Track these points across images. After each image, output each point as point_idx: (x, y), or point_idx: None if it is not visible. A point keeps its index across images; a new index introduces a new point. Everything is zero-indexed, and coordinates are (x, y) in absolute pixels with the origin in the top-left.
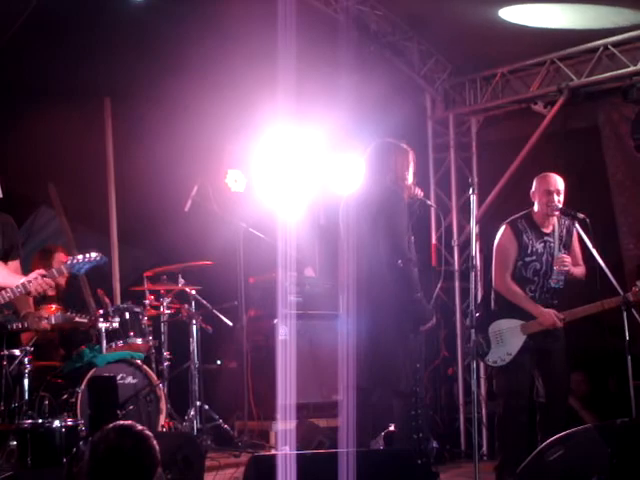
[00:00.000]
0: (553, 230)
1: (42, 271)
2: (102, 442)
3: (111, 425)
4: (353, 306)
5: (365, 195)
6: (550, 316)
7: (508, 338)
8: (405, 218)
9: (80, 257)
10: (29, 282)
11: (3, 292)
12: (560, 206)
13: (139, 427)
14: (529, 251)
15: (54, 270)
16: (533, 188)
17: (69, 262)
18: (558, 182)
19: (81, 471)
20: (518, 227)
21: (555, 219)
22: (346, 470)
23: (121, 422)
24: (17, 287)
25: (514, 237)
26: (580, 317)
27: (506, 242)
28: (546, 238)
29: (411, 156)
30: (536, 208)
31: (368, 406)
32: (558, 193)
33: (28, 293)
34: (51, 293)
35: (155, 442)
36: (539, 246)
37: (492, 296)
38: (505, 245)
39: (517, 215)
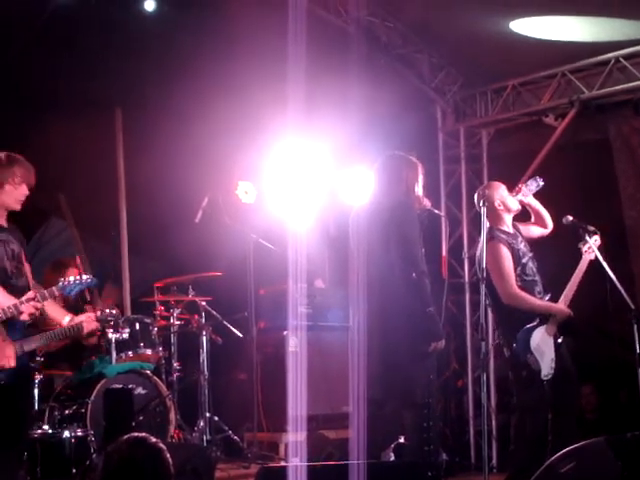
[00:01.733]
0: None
1: (31, 294)
2: (115, 453)
3: (125, 437)
4: (365, 317)
5: (376, 207)
6: (563, 308)
7: (546, 348)
8: (417, 229)
9: (72, 279)
10: (21, 304)
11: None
12: (571, 218)
13: (153, 439)
14: (520, 253)
15: (45, 292)
16: (483, 197)
17: (60, 284)
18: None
19: None
20: (501, 237)
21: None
22: None
23: (135, 434)
24: (9, 308)
25: (505, 247)
26: (574, 293)
27: (501, 255)
28: (518, 236)
29: (420, 169)
30: (494, 216)
31: (379, 418)
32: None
33: (20, 314)
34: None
35: (168, 455)
36: (521, 246)
37: (507, 317)
38: (502, 258)
39: (486, 231)
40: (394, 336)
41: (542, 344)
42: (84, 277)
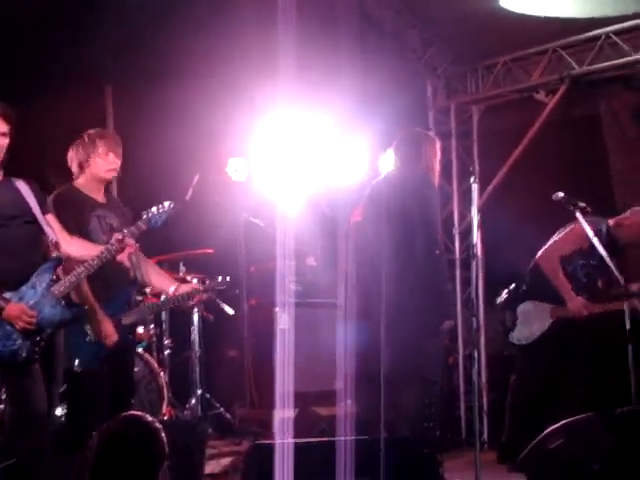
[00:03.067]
0: None
1: (119, 235)
2: (109, 431)
3: (121, 415)
4: (370, 292)
5: (395, 183)
6: (579, 303)
7: (535, 319)
8: (438, 207)
9: (154, 209)
10: (112, 246)
11: (89, 262)
12: (561, 195)
13: (149, 418)
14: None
15: (132, 228)
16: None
17: (145, 216)
18: None
19: (87, 459)
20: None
21: None
22: (344, 458)
23: (132, 412)
24: (102, 252)
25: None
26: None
27: (580, 232)
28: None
29: (438, 145)
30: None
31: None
32: None
33: (113, 258)
34: None
35: (163, 434)
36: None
37: (527, 276)
38: (579, 233)
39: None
40: (410, 312)
41: (535, 315)
42: (166, 204)
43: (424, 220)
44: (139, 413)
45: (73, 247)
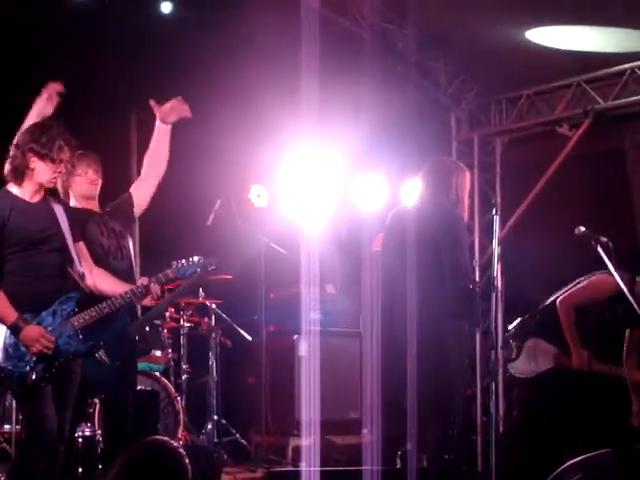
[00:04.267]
0: None
1: (145, 280)
2: (132, 455)
3: (146, 439)
4: (392, 324)
5: (424, 212)
6: (583, 358)
7: (540, 357)
8: (467, 239)
9: (184, 261)
10: (137, 289)
11: (112, 300)
12: (583, 229)
13: (174, 444)
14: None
15: (160, 275)
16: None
17: (174, 266)
18: None
19: None
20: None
21: None
22: None
23: (156, 437)
24: (126, 293)
25: (611, 292)
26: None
27: (608, 285)
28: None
29: (468, 175)
30: None
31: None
32: None
33: (137, 301)
34: None
35: (187, 461)
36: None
37: (541, 312)
38: (606, 287)
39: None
40: (444, 348)
41: (540, 353)
42: (196, 258)
43: (455, 255)
44: (164, 438)
45: (97, 279)
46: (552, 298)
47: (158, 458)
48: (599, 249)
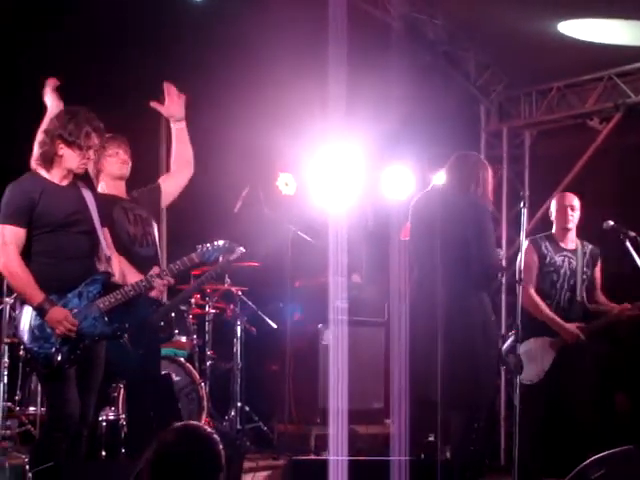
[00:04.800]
0: (575, 249)
1: (156, 269)
2: (166, 441)
3: (177, 425)
4: (418, 315)
5: (451, 202)
6: (573, 331)
7: (540, 355)
8: (493, 232)
9: (209, 245)
10: (151, 277)
11: (114, 294)
12: (612, 223)
13: (207, 430)
14: (547, 261)
15: (185, 259)
16: (551, 207)
17: (199, 250)
18: (573, 199)
19: (144, 468)
20: (537, 241)
21: (577, 239)
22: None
23: (190, 422)
24: (141, 281)
25: (534, 249)
26: (602, 328)
27: (527, 255)
28: (566, 253)
29: (491, 172)
30: (554, 226)
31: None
32: (572, 209)
33: (150, 289)
34: None
35: (221, 447)
36: (558, 259)
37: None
38: (527, 259)
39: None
40: (469, 340)
41: (538, 351)
42: (221, 242)
43: (482, 248)
44: (196, 424)
45: (116, 266)
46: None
47: (192, 443)
48: (627, 243)
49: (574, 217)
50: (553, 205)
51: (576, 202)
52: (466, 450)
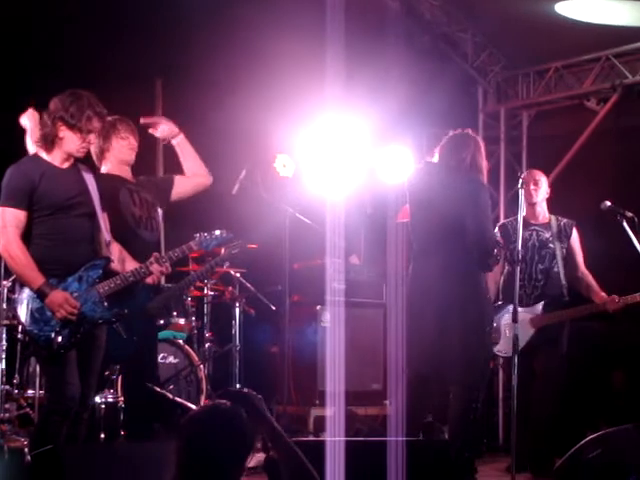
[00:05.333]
0: (547, 223)
1: (156, 255)
2: (198, 419)
3: (211, 403)
4: (416, 293)
5: (448, 185)
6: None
7: (520, 329)
8: (489, 207)
9: (206, 234)
10: (151, 264)
11: (113, 279)
12: (609, 204)
13: (237, 410)
14: (512, 239)
15: (184, 247)
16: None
17: (197, 239)
18: (537, 174)
19: (177, 447)
20: (505, 225)
21: (550, 215)
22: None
23: (218, 402)
24: (141, 268)
25: (499, 233)
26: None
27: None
28: (533, 227)
29: (484, 147)
30: None
31: (424, 395)
32: (535, 183)
33: (139, 281)
34: None
35: (249, 425)
36: (525, 234)
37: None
38: None
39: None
40: (464, 316)
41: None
42: (218, 232)
43: (481, 226)
44: (226, 403)
45: (115, 252)
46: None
47: (221, 424)
48: (624, 223)
49: (537, 192)
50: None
51: (540, 177)
52: (465, 431)
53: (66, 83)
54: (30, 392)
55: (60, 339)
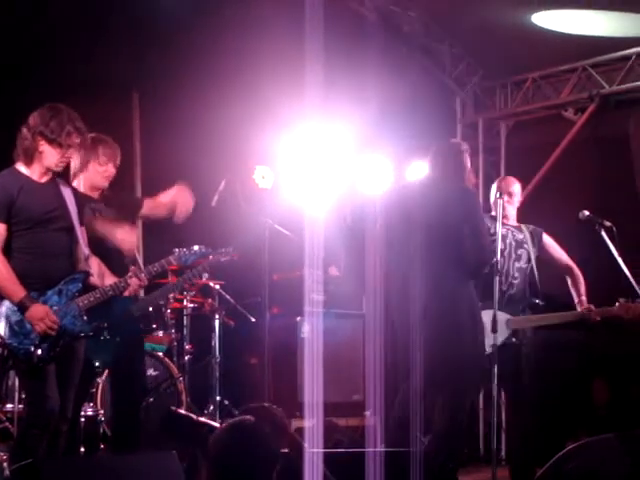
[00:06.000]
0: (519, 228)
1: (134, 268)
2: (220, 440)
3: (233, 421)
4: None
5: (438, 194)
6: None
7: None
8: (484, 219)
9: (185, 249)
10: (130, 278)
11: (93, 293)
12: (587, 213)
13: (261, 426)
14: (491, 232)
15: (163, 261)
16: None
17: (176, 253)
18: (510, 184)
19: (207, 461)
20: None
21: (517, 222)
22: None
23: (241, 419)
24: (120, 282)
25: None
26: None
27: None
28: (509, 227)
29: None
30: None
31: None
32: (509, 195)
33: (118, 295)
34: None
35: (274, 439)
36: (502, 230)
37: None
38: None
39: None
40: (457, 326)
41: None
42: (196, 247)
43: (477, 236)
44: (248, 418)
45: (95, 266)
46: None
47: (252, 435)
48: (603, 233)
49: (511, 204)
50: (494, 188)
51: (513, 189)
52: (449, 442)
53: (42, 95)
54: (9, 406)
55: (40, 352)
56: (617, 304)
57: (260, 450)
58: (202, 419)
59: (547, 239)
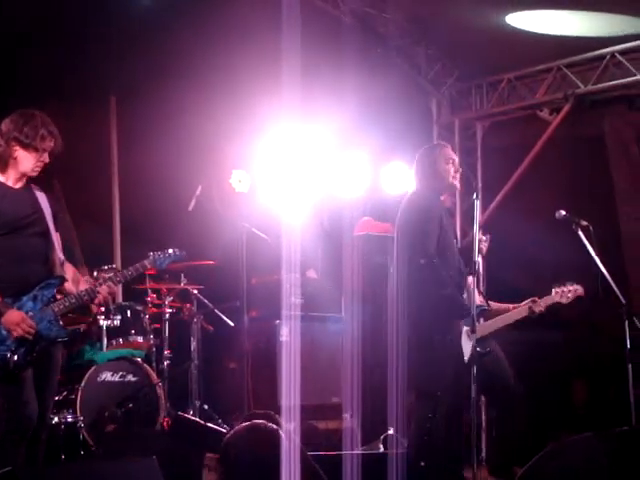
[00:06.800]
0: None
1: (104, 275)
2: (236, 444)
3: (251, 423)
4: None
5: (407, 202)
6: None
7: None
8: (428, 218)
9: (160, 253)
10: (99, 286)
11: (68, 298)
12: (564, 213)
13: (272, 426)
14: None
15: (137, 265)
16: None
17: (151, 257)
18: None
19: (222, 462)
20: None
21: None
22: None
23: (254, 422)
24: (86, 291)
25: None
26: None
27: None
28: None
29: (450, 151)
30: None
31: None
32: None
33: (92, 300)
34: None
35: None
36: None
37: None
38: None
39: None
40: (416, 324)
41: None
42: (171, 250)
43: (408, 233)
44: (260, 422)
45: (69, 272)
46: None
47: (260, 441)
48: (579, 232)
49: None
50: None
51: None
52: (419, 439)
53: (19, 101)
54: None
55: (16, 358)
56: (553, 291)
57: (278, 450)
58: (210, 424)
59: None
